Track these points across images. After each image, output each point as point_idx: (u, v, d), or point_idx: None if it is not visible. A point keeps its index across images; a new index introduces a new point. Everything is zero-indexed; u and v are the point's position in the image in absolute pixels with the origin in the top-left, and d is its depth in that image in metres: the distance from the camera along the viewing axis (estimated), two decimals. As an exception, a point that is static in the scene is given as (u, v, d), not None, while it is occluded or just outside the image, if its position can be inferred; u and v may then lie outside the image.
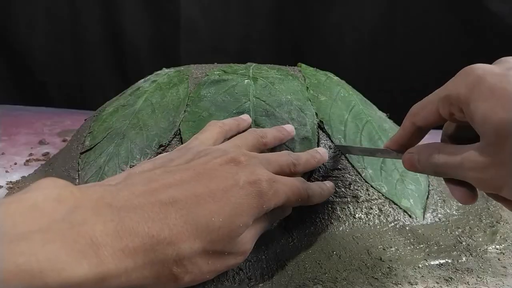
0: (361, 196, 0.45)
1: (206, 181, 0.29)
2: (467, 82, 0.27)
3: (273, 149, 0.42)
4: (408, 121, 0.34)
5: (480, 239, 0.43)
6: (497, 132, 0.25)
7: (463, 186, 0.31)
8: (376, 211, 0.45)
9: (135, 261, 0.24)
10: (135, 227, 0.24)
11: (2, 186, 0.55)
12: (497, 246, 0.42)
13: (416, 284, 0.35)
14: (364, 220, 0.44)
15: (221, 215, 0.27)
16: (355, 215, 0.44)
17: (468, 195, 0.31)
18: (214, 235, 0.27)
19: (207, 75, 0.53)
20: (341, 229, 0.43)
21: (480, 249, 0.41)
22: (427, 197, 0.48)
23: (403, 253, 0.40)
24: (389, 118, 0.57)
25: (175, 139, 0.47)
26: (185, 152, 0.34)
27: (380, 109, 0.57)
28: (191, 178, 0.29)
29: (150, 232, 0.25)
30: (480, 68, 0.27)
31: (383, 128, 0.51)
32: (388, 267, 0.37)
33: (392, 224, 0.44)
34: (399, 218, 0.45)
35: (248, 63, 0.57)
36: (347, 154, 0.46)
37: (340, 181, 0.45)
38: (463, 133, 0.31)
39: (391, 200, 0.45)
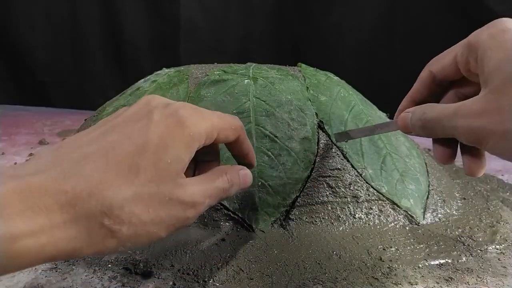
0: (361, 196, 0.45)
1: (119, 129, 0.26)
2: (491, 31, 0.27)
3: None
4: (426, 70, 0.34)
5: (480, 239, 0.43)
6: (506, 79, 0.25)
7: (446, 146, 0.32)
8: (376, 211, 0.45)
9: (50, 219, 0.22)
10: (43, 186, 0.22)
11: (2, 186, 0.55)
12: (497, 246, 0.42)
13: (416, 284, 0.35)
14: (364, 220, 0.44)
15: (142, 154, 0.25)
16: (355, 215, 0.44)
17: (449, 154, 0.32)
18: (141, 177, 0.24)
19: (207, 75, 0.53)
20: (341, 229, 0.43)
21: (480, 249, 0.41)
22: (427, 197, 0.48)
23: (403, 253, 0.40)
24: (389, 118, 0.57)
25: (175, 139, 0.47)
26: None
27: (380, 109, 0.57)
28: (103, 132, 0.26)
29: (62, 188, 0.22)
30: (509, 21, 0.27)
31: (383, 128, 0.51)
32: (388, 267, 0.37)
33: (392, 224, 0.44)
34: (399, 218, 0.45)
35: (248, 63, 0.57)
36: (347, 155, 0.46)
37: (340, 181, 0.45)
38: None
39: (391, 200, 0.45)
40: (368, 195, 0.45)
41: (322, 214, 0.43)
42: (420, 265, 0.38)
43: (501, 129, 0.25)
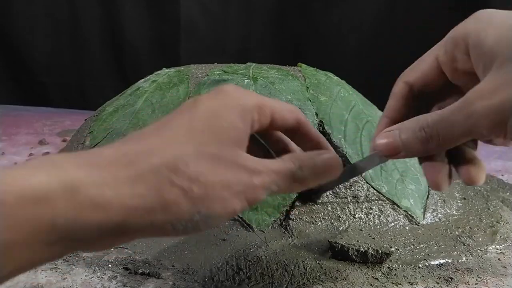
0: (361, 197, 0.45)
1: (170, 114, 0.25)
2: (477, 17, 0.26)
3: None
4: (399, 83, 0.30)
5: (480, 239, 0.43)
6: None
7: (439, 164, 0.28)
8: (376, 211, 0.45)
9: (113, 174, 0.20)
10: (99, 151, 0.21)
11: (2, 186, 0.55)
12: (497, 246, 0.42)
13: (416, 284, 0.35)
14: (364, 220, 0.44)
15: (195, 120, 0.24)
16: (355, 215, 0.44)
17: (446, 172, 0.28)
18: (198, 137, 0.23)
19: (207, 75, 0.53)
20: (341, 229, 0.43)
21: (480, 249, 0.41)
22: (427, 197, 0.48)
23: (403, 253, 0.40)
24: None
25: (175, 139, 0.47)
26: None
27: (380, 109, 0.57)
28: (154, 123, 0.26)
29: (121, 150, 0.21)
30: (489, 10, 0.26)
31: (383, 128, 0.51)
32: (388, 267, 0.37)
33: (392, 224, 0.44)
34: (399, 218, 0.45)
35: (248, 63, 0.57)
36: (347, 156, 0.46)
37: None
38: None
39: (391, 200, 0.45)
40: (368, 195, 0.45)
41: (322, 214, 0.44)
42: (420, 265, 0.38)
43: None
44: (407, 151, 0.27)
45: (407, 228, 0.44)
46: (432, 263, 0.38)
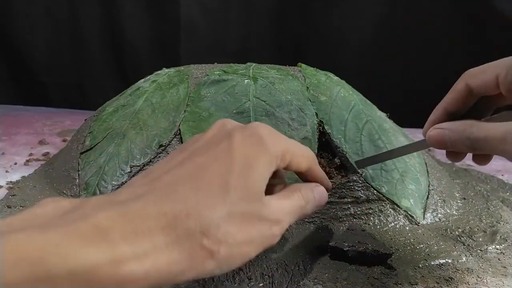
0: (361, 197, 0.45)
1: (203, 151, 0.27)
2: None
3: None
4: (462, 82, 0.34)
5: (480, 239, 0.43)
6: None
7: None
8: (376, 211, 0.45)
9: (153, 242, 0.22)
10: (143, 209, 0.23)
11: (2, 186, 0.55)
12: (497, 246, 0.42)
13: (416, 284, 0.35)
14: (364, 220, 0.44)
15: (230, 173, 0.25)
16: (355, 215, 0.44)
17: (462, 155, 0.35)
18: (232, 195, 0.25)
19: (207, 75, 0.53)
20: (341, 229, 0.43)
21: (480, 249, 0.41)
22: (427, 197, 0.48)
23: (403, 253, 0.40)
24: (389, 118, 0.57)
25: (175, 139, 0.47)
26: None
27: (380, 109, 0.57)
28: (188, 157, 0.27)
29: (162, 210, 0.23)
30: None
31: (383, 128, 0.51)
32: (388, 267, 0.37)
33: (392, 224, 0.44)
34: (399, 218, 0.45)
35: (248, 63, 0.57)
36: (347, 155, 0.46)
37: (340, 181, 0.45)
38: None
39: (391, 200, 0.45)
40: (368, 195, 0.45)
41: (322, 214, 0.43)
42: (420, 265, 0.38)
43: None
44: (452, 148, 0.33)
45: (407, 228, 0.44)
46: (432, 263, 0.38)
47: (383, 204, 0.45)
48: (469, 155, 0.35)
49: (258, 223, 0.26)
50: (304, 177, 0.34)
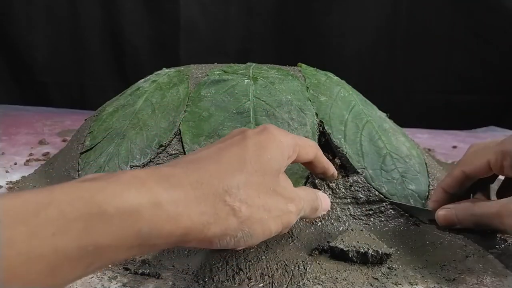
0: (361, 197, 0.45)
1: (221, 142, 0.31)
2: None
3: None
4: (459, 169, 0.40)
5: (480, 239, 0.43)
6: None
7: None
8: (376, 211, 0.45)
9: (185, 193, 0.25)
10: (172, 172, 0.26)
11: (2, 186, 0.55)
12: (497, 246, 0.42)
13: (416, 284, 0.35)
14: (364, 221, 0.44)
15: (246, 151, 0.30)
16: (355, 215, 0.44)
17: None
18: (248, 167, 0.29)
19: (207, 75, 0.53)
20: (341, 229, 0.43)
21: (480, 249, 0.41)
22: (427, 197, 0.48)
23: (403, 253, 0.40)
24: (389, 118, 0.57)
25: (175, 139, 0.47)
26: None
27: (380, 109, 0.57)
28: (208, 147, 0.31)
29: (188, 173, 0.27)
30: None
31: (383, 128, 0.51)
32: (388, 267, 0.37)
33: (392, 224, 0.44)
34: (399, 218, 0.45)
35: (248, 63, 0.57)
36: (347, 156, 0.46)
37: (340, 182, 0.45)
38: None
39: (391, 200, 0.45)
40: (368, 195, 0.45)
41: (322, 214, 0.43)
42: (420, 265, 0.38)
43: None
44: (459, 224, 0.40)
45: (407, 228, 0.44)
46: (432, 263, 0.38)
47: (383, 205, 0.45)
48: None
49: (274, 196, 0.30)
50: (313, 166, 0.38)
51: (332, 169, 0.40)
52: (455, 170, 0.40)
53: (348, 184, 0.45)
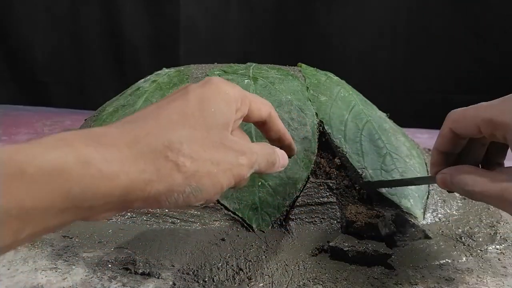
0: (361, 197, 0.45)
1: (162, 101, 0.29)
2: None
3: None
4: (446, 127, 0.35)
5: (480, 239, 0.43)
6: None
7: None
8: (376, 211, 0.44)
9: (119, 151, 0.23)
10: (105, 131, 0.25)
11: (2, 186, 0.55)
12: (497, 246, 0.42)
13: (416, 284, 0.35)
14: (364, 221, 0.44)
15: (187, 105, 0.28)
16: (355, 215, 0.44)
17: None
18: (191, 121, 0.27)
19: (207, 75, 0.53)
20: (341, 229, 0.43)
21: (480, 249, 0.41)
22: (427, 197, 0.48)
23: (403, 253, 0.40)
24: (389, 118, 0.57)
25: (175, 139, 0.47)
26: None
27: (380, 109, 0.57)
28: (147, 106, 0.29)
29: (123, 130, 0.25)
30: None
31: (383, 128, 0.51)
32: (388, 267, 0.37)
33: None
34: (399, 218, 0.45)
35: (248, 63, 0.57)
36: (347, 155, 0.46)
37: (340, 182, 0.45)
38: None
39: (391, 200, 0.45)
40: (368, 195, 0.45)
41: (322, 214, 0.43)
42: (420, 265, 0.38)
43: None
44: (455, 190, 0.35)
45: (408, 228, 0.44)
46: (432, 263, 0.38)
47: (383, 205, 0.45)
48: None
49: (223, 149, 0.28)
50: (267, 128, 0.35)
51: (290, 139, 0.37)
52: (443, 128, 0.36)
53: (348, 183, 0.45)
